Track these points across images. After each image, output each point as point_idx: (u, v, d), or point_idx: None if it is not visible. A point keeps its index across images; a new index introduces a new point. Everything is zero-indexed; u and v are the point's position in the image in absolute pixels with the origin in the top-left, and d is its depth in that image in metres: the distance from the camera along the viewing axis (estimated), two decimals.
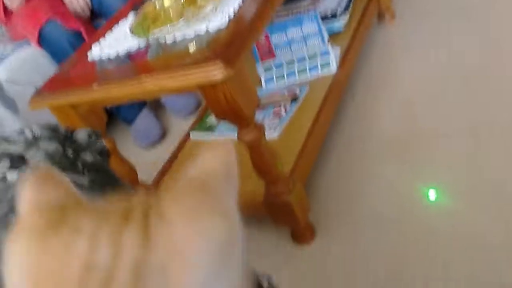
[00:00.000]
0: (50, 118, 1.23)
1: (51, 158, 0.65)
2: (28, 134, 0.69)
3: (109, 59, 1.30)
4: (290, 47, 1.88)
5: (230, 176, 0.32)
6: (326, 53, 1.78)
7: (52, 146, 0.68)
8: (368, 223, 1.35)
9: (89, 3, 2.11)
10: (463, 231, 1.23)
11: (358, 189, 1.47)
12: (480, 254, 1.16)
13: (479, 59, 1.75)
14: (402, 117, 1.67)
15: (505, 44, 1.76)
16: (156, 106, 2.32)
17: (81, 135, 0.75)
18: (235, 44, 1.07)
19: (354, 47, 1.84)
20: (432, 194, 1.36)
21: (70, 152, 0.69)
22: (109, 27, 1.49)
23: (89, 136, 0.75)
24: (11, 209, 0.55)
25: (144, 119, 2.15)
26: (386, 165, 1.51)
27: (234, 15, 1.17)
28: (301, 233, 1.35)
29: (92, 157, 0.72)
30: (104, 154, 0.76)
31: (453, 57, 1.82)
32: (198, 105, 2.20)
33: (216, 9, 1.21)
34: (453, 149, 1.46)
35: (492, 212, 1.24)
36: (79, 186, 0.59)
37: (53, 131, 0.72)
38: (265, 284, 0.84)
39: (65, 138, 0.72)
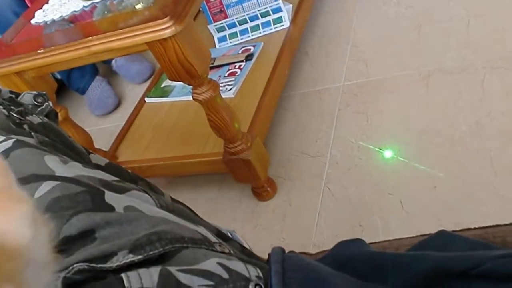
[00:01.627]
0: None
1: None
2: None
3: (54, 23, 1.26)
4: (242, 5, 1.85)
5: None
6: (279, 9, 1.76)
7: None
8: (326, 173, 1.38)
9: None
10: (418, 172, 1.26)
11: (316, 141, 1.49)
12: (434, 193, 1.20)
13: (428, 4, 1.77)
14: (356, 69, 1.68)
15: None
16: (108, 73, 2.26)
17: (26, 98, 0.73)
18: (182, 0, 1.05)
19: (306, 2, 1.83)
20: (386, 143, 1.39)
21: (15, 115, 0.67)
22: None
23: (35, 99, 0.73)
24: None
25: (98, 87, 2.10)
26: (342, 117, 1.53)
27: None
28: (262, 188, 1.37)
29: (39, 119, 0.69)
30: (52, 116, 0.74)
31: (402, 6, 1.83)
32: (152, 71, 2.16)
33: None
34: (404, 95, 1.49)
35: (444, 153, 1.27)
36: (29, 145, 0.57)
37: None
38: (229, 235, 0.85)
39: (10, 101, 0.70)
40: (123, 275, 0.36)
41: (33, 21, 1.30)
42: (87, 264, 0.36)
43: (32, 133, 0.65)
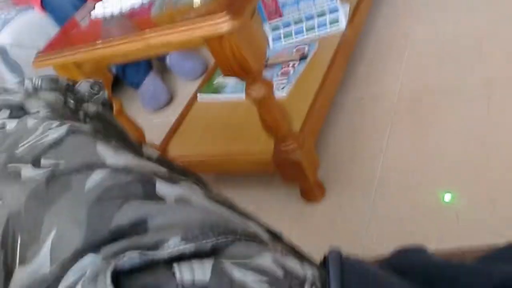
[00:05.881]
0: None
1: (51, 107, 0.63)
2: (28, 85, 0.67)
3: (112, 16, 1.27)
4: (298, 5, 1.83)
5: None
6: (335, 10, 1.73)
7: (52, 96, 0.66)
8: (377, 180, 1.33)
9: None
10: (475, 184, 1.20)
11: (367, 146, 1.45)
12: (492, 206, 1.14)
13: (486, 18, 1.70)
14: (411, 76, 1.63)
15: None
16: (162, 69, 2.29)
17: (83, 86, 0.73)
18: None
19: (363, 4, 1.79)
20: (442, 152, 1.33)
21: (71, 102, 0.67)
22: None
23: (91, 87, 0.73)
24: (9, 158, 0.53)
25: (151, 82, 2.13)
26: (396, 124, 1.48)
27: None
28: (311, 190, 1.34)
29: (94, 107, 0.70)
30: (107, 105, 0.74)
31: (462, 17, 1.76)
32: (205, 68, 2.17)
33: None
34: (464, 105, 1.43)
35: (504, 169, 1.21)
36: (82, 132, 0.57)
37: (54, 82, 0.70)
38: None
39: (67, 89, 0.70)
40: (175, 265, 0.35)
41: (92, 14, 1.32)
42: (139, 252, 0.35)
43: (87, 120, 0.65)
